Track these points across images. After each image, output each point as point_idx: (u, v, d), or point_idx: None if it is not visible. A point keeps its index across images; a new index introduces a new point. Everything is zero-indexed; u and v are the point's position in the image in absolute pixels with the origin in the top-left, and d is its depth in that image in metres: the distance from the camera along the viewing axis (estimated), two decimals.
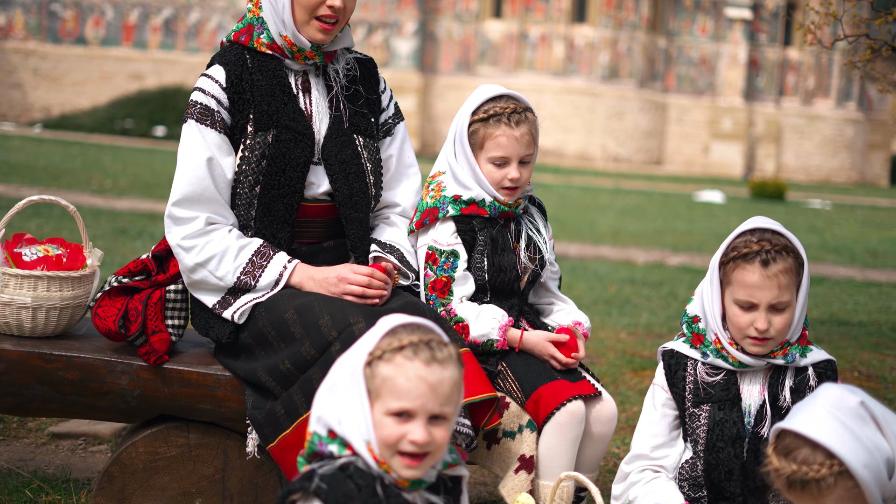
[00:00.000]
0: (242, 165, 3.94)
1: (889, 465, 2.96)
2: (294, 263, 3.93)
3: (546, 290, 4.35)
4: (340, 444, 2.86)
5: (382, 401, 2.81)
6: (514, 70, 40.62)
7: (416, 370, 2.79)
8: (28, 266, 4.06)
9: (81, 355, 4.00)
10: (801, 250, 3.63)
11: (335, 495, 2.75)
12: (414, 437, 2.78)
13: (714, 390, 3.69)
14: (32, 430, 5.36)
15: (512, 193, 4.13)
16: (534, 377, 3.95)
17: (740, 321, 3.63)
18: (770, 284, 3.57)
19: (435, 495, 2.96)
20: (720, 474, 3.68)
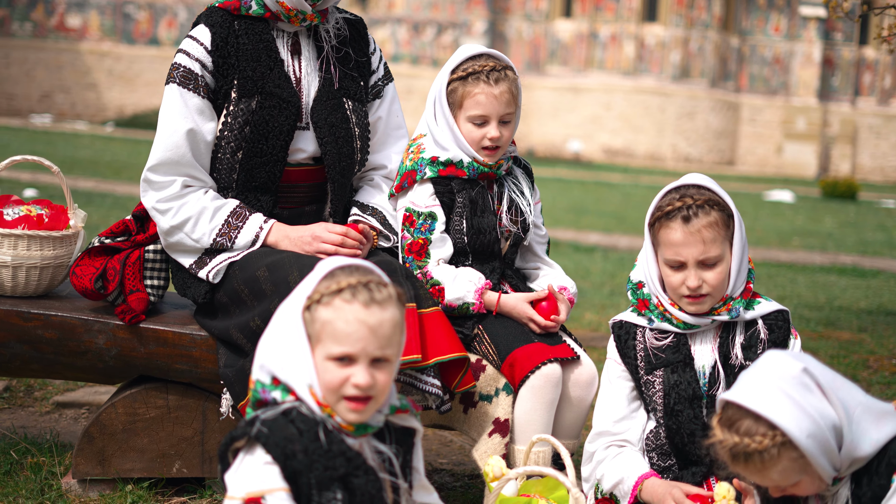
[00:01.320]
0: (225, 131, 3.91)
1: (836, 432, 2.84)
2: (270, 223, 3.89)
3: (533, 254, 4.26)
4: (283, 391, 2.81)
5: (323, 345, 2.76)
6: (584, 70, 40.38)
7: (354, 313, 2.73)
8: (8, 225, 4.07)
9: (59, 314, 4.00)
10: (728, 202, 3.53)
11: (275, 439, 2.70)
12: (356, 380, 2.73)
13: (665, 354, 3.60)
14: (38, 399, 5.39)
15: (492, 154, 4.04)
16: (510, 340, 3.87)
17: (672, 281, 3.53)
18: (694, 240, 3.47)
19: (382, 444, 2.91)
20: (683, 438, 3.57)
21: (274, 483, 2.71)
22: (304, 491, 2.72)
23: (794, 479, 2.86)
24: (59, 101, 36.98)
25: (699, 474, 3.56)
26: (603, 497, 3.66)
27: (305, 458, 2.72)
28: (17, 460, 4.31)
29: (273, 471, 2.71)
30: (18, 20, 39.42)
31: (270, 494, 2.70)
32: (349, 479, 2.77)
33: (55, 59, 39.00)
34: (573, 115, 39.95)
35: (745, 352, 3.57)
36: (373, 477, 2.81)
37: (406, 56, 39.52)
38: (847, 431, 2.84)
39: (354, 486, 2.77)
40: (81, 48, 40.05)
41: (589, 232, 15.85)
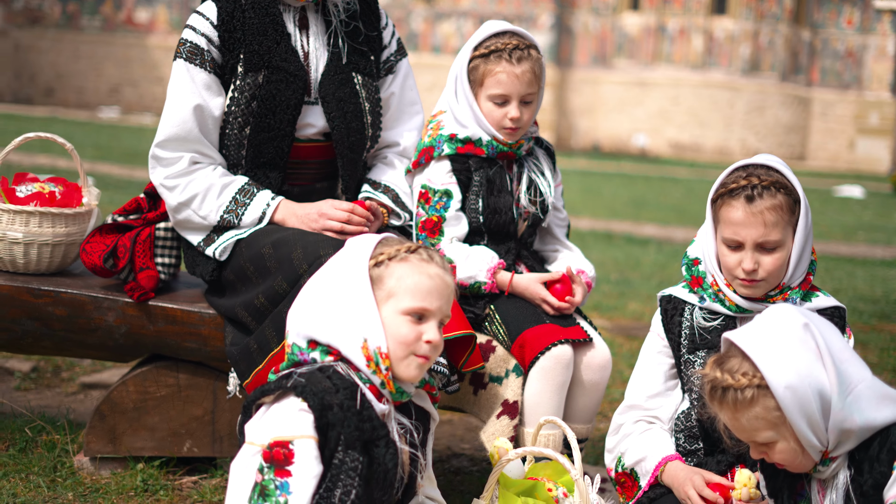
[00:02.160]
0: (232, 106, 3.86)
1: (823, 400, 2.73)
2: (277, 200, 3.83)
3: (552, 236, 4.17)
4: (323, 352, 2.80)
5: (397, 299, 2.77)
6: (652, 63, 40.01)
7: (435, 271, 2.80)
8: (20, 202, 4.05)
9: (69, 291, 3.98)
10: (796, 187, 3.37)
11: (314, 389, 2.68)
12: (430, 336, 2.78)
13: (710, 336, 3.46)
14: (65, 380, 5.40)
15: (513, 134, 3.95)
16: (521, 320, 3.78)
17: (728, 261, 3.39)
18: (755, 221, 3.31)
19: (405, 417, 2.88)
20: (713, 423, 3.45)
21: (305, 430, 2.66)
22: (331, 445, 2.68)
23: (766, 434, 2.76)
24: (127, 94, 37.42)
25: (724, 463, 3.44)
26: (623, 471, 3.55)
27: (341, 413, 2.68)
28: (31, 438, 4.30)
29: (307, 418, 2.66)
30: (88, 15, 39.94)
31: (300, 440, 2.65)
32: (371, 447, 2.74)
33: (123, 53, 39.46)
34: (640, 110, 39.61)
35: None
36: (392, 450, 2.78)
37: None
38: (837, 403, 2.73)
39: (374, 455, 2.74)
40: (149, 42, 40.44)
41: (646, 224, 15.65)
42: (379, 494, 2.76)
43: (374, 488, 2.74)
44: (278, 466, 2.62)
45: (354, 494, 2.70)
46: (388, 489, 2.78)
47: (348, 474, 2.69)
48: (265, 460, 2.63)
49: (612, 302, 8.52)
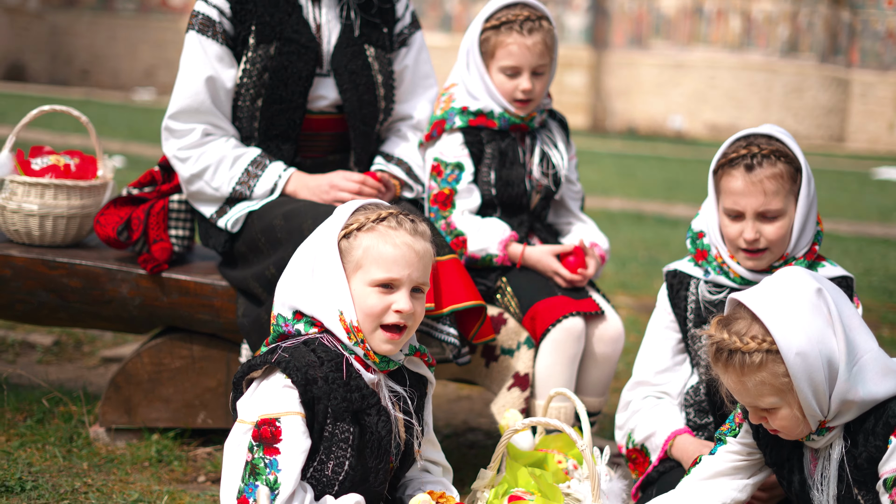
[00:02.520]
0: (244, 78, 3.85)
1: (831, 368, 2.68)
2: (289, 172, 3.83)
3: (566, 209, 4.14)
4: (307, 323, 2.81)
5: (365, 271, 2.75)
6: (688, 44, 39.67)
7: (402, 238, 2.75)
8: (35, 174, 4.07)
9: (84, 263, 3.99)
10: (798, 155, 3.32)
11: (297, 364, 2.68)
12: (400, 306, 2.74)
13: (717, 309, 3.43)
14: (86, 353, 5.43)
15: (525, 106, 3.93)
16: (532, 292, 3.76)
17: (730, 231, 3.36)
18: (755, 190, 3.28)
19: (398, 385, 2.86)
20: (723, 398, 3.42)
21: (291, 406, 2.68)
22: (319, 419, 2.69)
23: (770, 399, 2.71)
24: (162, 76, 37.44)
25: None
26: (633, 448, 3.54)
27: (326, 386, 2.69)
28: (48, 409, 4.33)
29: (292, 394, 2.68)
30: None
31: (286, 417, 2.67)
32: (362, 416, 2.74)
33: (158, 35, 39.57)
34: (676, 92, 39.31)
35: None
36: (384, 417, 2.78)
37: None
38: (844, 372, 2.68)
39: (366, 424, 2.74)
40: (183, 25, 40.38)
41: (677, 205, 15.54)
42: (374, 462, 2.76)
43: (368, 457, 2.75)
44: (267, 444, 2.64)
45: (348, 465, 2.71)
46: (383, 456, 2.77)
47: (339, 446, 2.70)
48: (254, 439, 2.65)
49: (640, 281, 8.48)
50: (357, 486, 2.75)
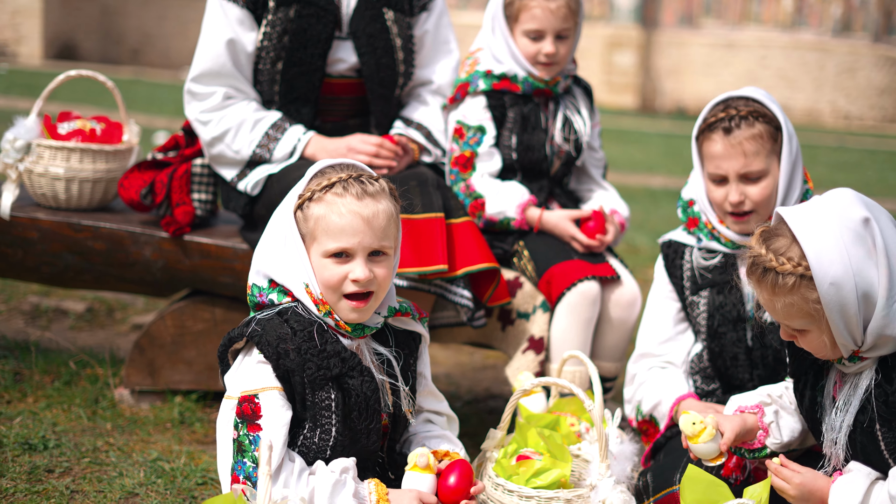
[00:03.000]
0: (264, 41, 3.88)
1: (867, 301, 2.61)
2: (309, 135, 3.85)
3: (588, 176, 4.14)
4: (280, 293, 2.80)
5: (318, 243, 2.74)
6: (739, 23, 39.26)
7: (348, 205, 2.71)
8: (62, 138, 4.13)
9: (108, 225, 4.05)
10: (778, 114, 3.30)
11: (269, 338, 2.70)
12: (355, 275, 2.71)
13: (711, 274, 3.43)
14: (118, 320, 5.50)
15: (548, 69, 3.93)
16: (549, 256, 3.77)
17: (716, 196, 3.36)
18: (734, 153, 3.28)
19: (382, 346, 2.86)
20: (725, 361, 3.42)
21: (267, 381, 2.70)
22: (297, 390, 2.71)
23: (801, 322, 2.67)
24: None
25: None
26: (643, 419, 3.54)
27: (298, 358, 2.70)
28: (75, 372, 4.40)
29: (266, 370, 2.70)
30: None
31: (263, 393, 2.69)
32: (343, 380, 2.74)
33: None
34: (727, 72, 38.92)
35: None
36: (368, 378, 2.77)
37: None
38: (883, 307, 2.60)
39: (349, 387, 2.74)
40: None
41: None
42: (364, 424, 2.76)
43: (356, 420, 2.74)
44: (249, 421, 2.66)
45: (335, 431, 2.73)
46: (372, 417, 2.77)
47: (323, 413, 2.71)
48: (237, 416, 2.67)
49: None
50: (349, 449, 2.75)
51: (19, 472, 3.49)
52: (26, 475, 3.47)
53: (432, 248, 3.49)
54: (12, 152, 4.08)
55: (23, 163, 4.08)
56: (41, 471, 3.51)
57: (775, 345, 3.37)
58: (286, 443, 2.69)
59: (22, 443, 3.68)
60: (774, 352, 3.37)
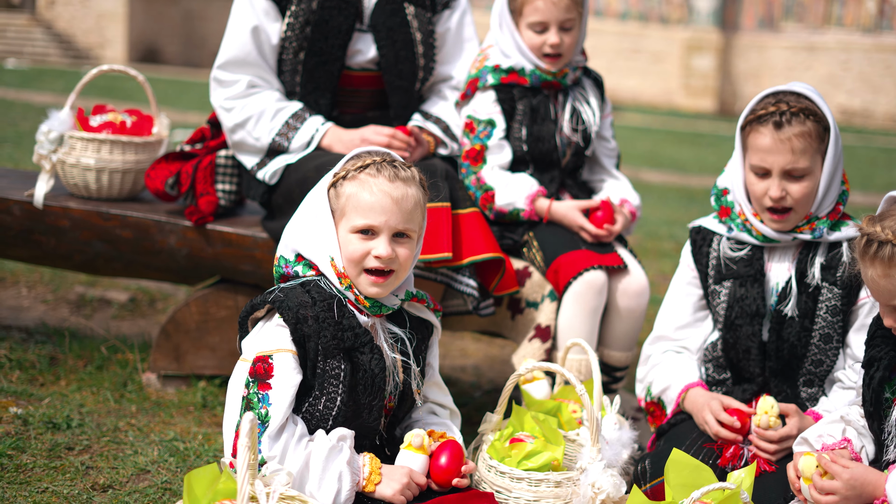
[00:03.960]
0: (288, 32, 3.99)
1: None
2: (327, 126, 3.95)
3: (600, 166, 4.19)
4: (305, 266, 2.94)
5: (347, 218, 2.88)
6: (821, 27, 38.75)
7: (379, 185, 2.86)
8: (93, 130, 4.27)
9: (135, 214, 4.19)
10: (827, 114, 3.31)
11: (289, 303, 2.82)
12: (378, 251, 2.85)
13: (736, 266, 3.44)
14: (159, 310, 5.65)
15: (554, 62, 3.98)
16: (557, 246, 3.82)
17: (756, 189, 3.35)
18: (782, 148, 3.27)
19: (397, 327, 2.96)
20: (738, 353, 3.43)
21: (283, 344, 2.81)
22: (310, 356, 2.82)
23: None
24: None
25: (749, 392, 3.43)
26: (651, 401, 3.57)
27: (316, 325, 2.81)
28: (105, 356, 4.55)
29: (283, 332, 2.82)
30: None
31: (278, 354, 2.81)
32: (354, 354, 2.85)
33: None
34: (808, 75, 38.44)
35: (823, 272, 3.38)
36: (377, 356, 2.88)
37: (633, 14, 38.94)
38: None
39: (359, 361, 2.85)
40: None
41: None
42: (367, 399, 2.86)
43: (361, 393, 2.85)
44: (260, 380, 2.77)
45: (340, 401, 2.82)
46: (376, 393, 2.87)
47: (331, 382, 2.81)
48: (250, 375, 2.79)
49: None
50: (350, 422, 2.85)
51: (41, 448, 3.63)
52: (47, 452, 3.61)
53: (438, 237, 3.57)
54: (46, 144, 4.23)
55: (56, 154, 4.23)
56: (61, 448, 3.65)
57: (792, 339, 3.37)
58: (292, 404, 2.80)
59: (46, 422, 3.82)
60: (790, 346, 3.38)
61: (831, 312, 3.37)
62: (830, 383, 3.42)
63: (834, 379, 3.40)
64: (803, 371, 3.41)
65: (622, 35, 38.07)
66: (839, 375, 3.39)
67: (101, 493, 3.37)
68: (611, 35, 38.13)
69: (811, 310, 3.37)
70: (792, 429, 3.19)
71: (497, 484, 3.09)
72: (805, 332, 3.37)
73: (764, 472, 3.19)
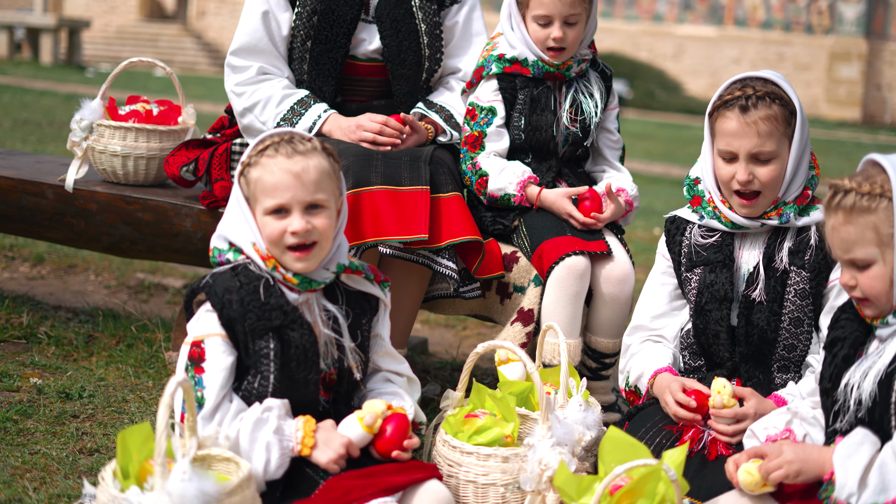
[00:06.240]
0: (297, 21, 4.14)
1: None
2: (329, 113, 4.08)
3: (602, 157, 4.23)
4: (235, 252, 3.07)
5: (259, 202, 3.01)
6: None
7: (278, 164, 2.97)
8: (121, 118, 4.50)
9: (154, 198, 4.39)
10: (793, 99, 3.31)
11: (216, 289, 2.96)
12: (293, 227, 2.95)
13: (706, 252, 3.46)
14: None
15: (558, 55, 4.04)
16: (543, 232, 3.88)
17: (723, 173, 3.38)
18: (748, 132, 3.29)
19: (332, 304, 3.06)
20: (708, 338, 3.45)
21: (212, 328, 2.96)
22: (240, 338, 2.95)
23: (868, 250, 2.74)
24: None
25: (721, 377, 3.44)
26: (629, 389, 3.61)
27: (240, 308, 2.94)
28: (134, 334, 4.77)
29: (212, 317, 2.96)
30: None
31: (208, 339, 2.95)
32: (284, 331, 2.97)
33: None
34: None
35: (791, 256, 3.39)
36: (307, 331, 2.98)
37: (778, 22, 38.22)
38: None
39: (289, 338, 2.96)
40: None
41: None
42: (302, 374, 2.97)
43: (294, 369, 2.96)
44: (195, 364, 2.93)
45: (273, 377, 2.95)
46: (311, 368, 2.98)
47: (262, 361, 2.94)
48: (188, 359, 2.94)
49: None
50: (286, 396, 2.96)
51: (47, 415, 3.84)
52: (53, 419, 3.82)
53: (414, 219, 3.66)
54: (78, 131, 4.48)
55: (87, 141, 4.47)
56: (67, 416, 3.86)
57: (762, 324, 3.38)
58: (224, 385, 2.92)
59: (60, 391, 4.05)
60: (760, 331, 3.39)
61: (800, 296, 3.36)
62: (806, 368, 3.41)
63: (807, 363, 3.39)
64: (776, 357, 3.41)
65: (765, 43, 37.42)
66: (809, 360, 3.39)
67: (88, 456, 3.56)
68: (754, 43, 37.52)
69: (780, 294, 3.37)
70: (748, 409, 3.19)
71: (449, 458, 3.16)
72: (774, 317, 3.37)
73: (720, 456, 3.20)
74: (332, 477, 2.89)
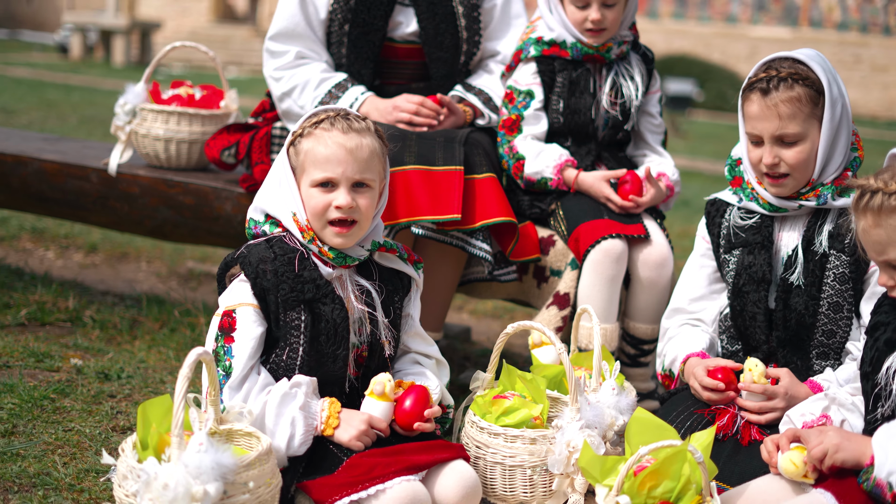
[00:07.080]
0: (334, 4, 4.13)
1: None
2: (366, 95, 4.07)
3: (644, 141, 4.16)
4: (272, 224, 3.08)
5: (307, 173, 3.02)
6: None
7: (333, 138, 2.98)
8: (163, 102, 4.52)
9: (195, 182, 4.41)
10: (822, 79, 3.22)
11: (251, 259, 2.98)
12: (339, 202, 2.96)
13: (745, 234, 3.39)
14: None
15: (597, 36, 3.99)
16: (580, 215, 3.83)
17: (752, 156, 3.31)
18: (769, 114, 3.21)
19: (366, 280, 3.05)
20: (745, 320, 3.37)
21: (244, 298, 2.96)
22: (271, 309, 2.95)
23: None
24: None
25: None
26: (664, 373, 3.54)
27: (274, 279, 2.94)
28: (178, 319, 4.79)
29: (245, 287, 2.97)
30: None
31: (240, 308, 2.95)
32: (315, 305, 2.96)
33: None
34: None
35: (830, 240, 3.30)
36: (339, 306, 2.98)
37: (854, 23, 37.65)
38: None
39: (320, 312, 2.96)
40: None
41: None
42: (332, 349, 2.96)
43: (323, 343, 2.95)
44: (226, 334, 2.93)
45: (302, 350, 2.94)
46: (340, 343, 2.97)
47: (292, 333, 2.94)
48: (218, 330, 2.94)
49: None
50: (314, 371, 2.95)
51: (85, 395, 3.86)
52: (90, 398, 3.84)
53: (448, 198, 3.63)
54: (122, 115, 4.51)
55: (130, 125, 4.50)
56: (104, 395, 3.88)
57: (800, 308, 3.30)
58: (253, 355, 2.93)
59: (99, 372, 4.07)
60: (798, 315, 3.31)
61: (839, 280, 3.27)
62: (846, 355, 3.32)
63: (847, 350, 3.30)
64: (815, 342, 3.32)
65: (842, 45, 36.85)
66: (849, 346, 3.29)
67: (120, 434, 3.57)
68: (829, 45, 36.94)
69: (818, 278, 3.29)
70: (779, 388, 3.12)
71: (476, 439, 3.13)
72: (813, 301, 3.29)
73: (753, 441, 3.13)
74: (355, 454, 2.87)
